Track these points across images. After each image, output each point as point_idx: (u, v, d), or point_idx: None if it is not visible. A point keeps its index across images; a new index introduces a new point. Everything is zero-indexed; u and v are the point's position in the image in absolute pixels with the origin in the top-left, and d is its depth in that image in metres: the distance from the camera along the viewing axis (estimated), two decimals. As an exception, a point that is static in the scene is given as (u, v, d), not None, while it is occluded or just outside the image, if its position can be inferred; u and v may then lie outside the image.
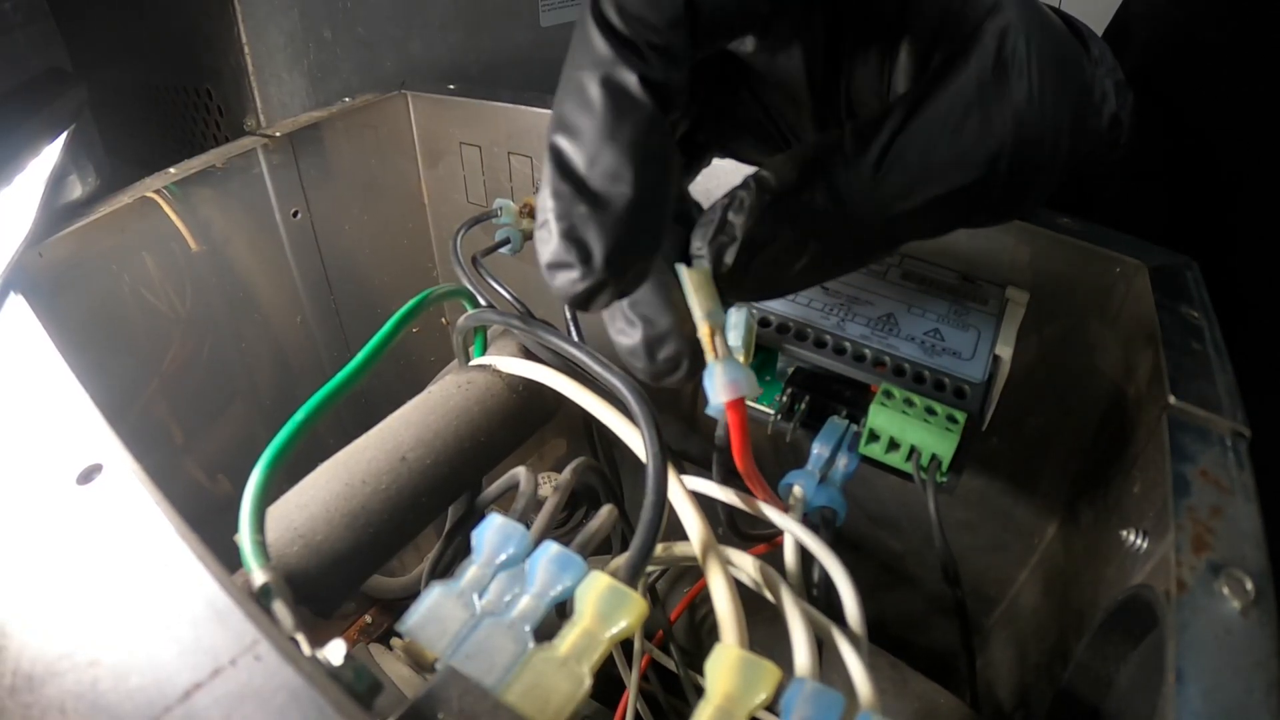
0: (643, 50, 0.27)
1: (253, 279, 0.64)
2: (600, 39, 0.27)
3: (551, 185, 0.27)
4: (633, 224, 0.27)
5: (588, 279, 0.27)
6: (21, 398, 0.34)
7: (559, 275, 0.28)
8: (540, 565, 0.28)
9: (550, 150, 0.28)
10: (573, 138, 0.27)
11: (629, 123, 0.27)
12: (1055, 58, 0.32)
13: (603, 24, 0.27)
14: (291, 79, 0.75)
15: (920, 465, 0.40)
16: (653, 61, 0.27)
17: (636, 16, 0.27)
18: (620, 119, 0.27)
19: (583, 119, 0.27)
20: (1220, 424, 0.36)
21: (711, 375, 0.32)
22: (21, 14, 0.60)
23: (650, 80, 0.27)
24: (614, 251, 0.27)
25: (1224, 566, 0.29)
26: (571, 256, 0.27)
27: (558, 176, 0.27)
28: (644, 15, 0.27)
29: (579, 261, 0.27)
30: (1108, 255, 0.46)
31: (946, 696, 0.46)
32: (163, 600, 0.24)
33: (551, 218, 0.27)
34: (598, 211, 0.27)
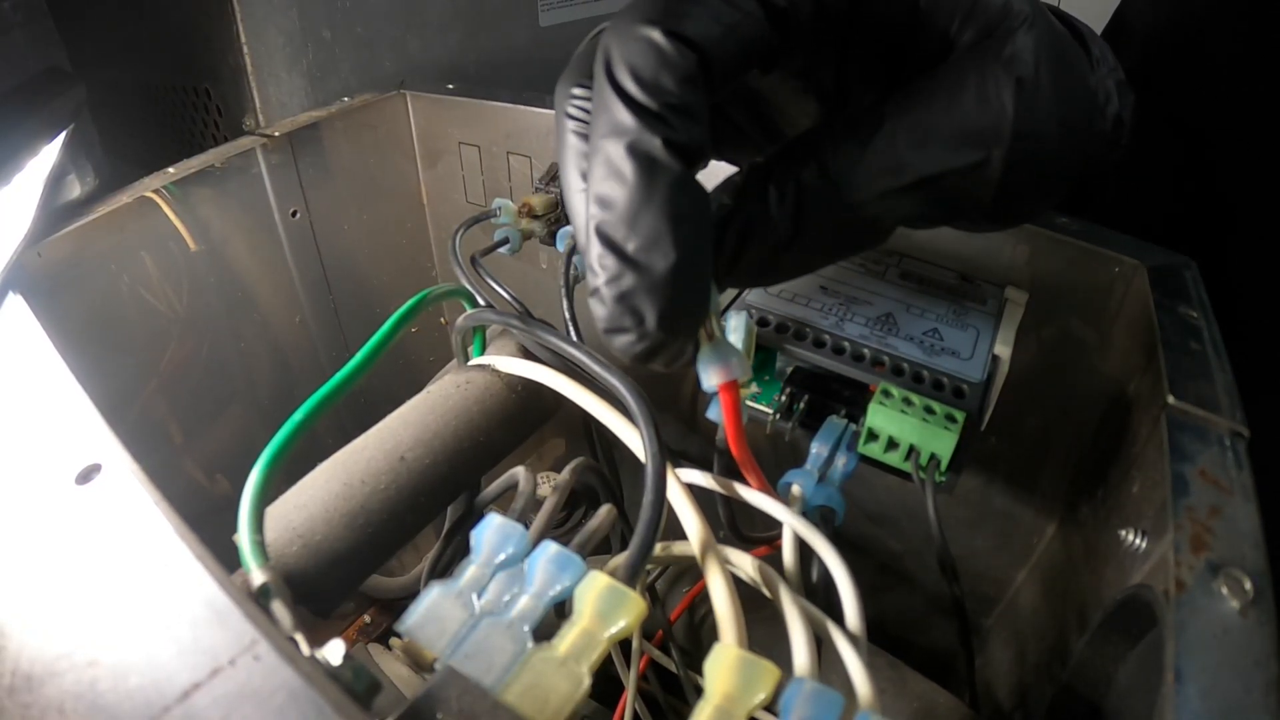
0: (663, 114, 0.28)
1: (251, 279, 0.64)
2: (621, 108, 0.28)
3: (596, 256, 0.28)
4: (678, 285, 0.28)
5: (644, 341, 0.29)
6: (20, 397, 0.34)
7: (617, 339, 0.29)
8: (539, 565, 0.28)
9: (592, 225, 0.28)
10: (608, 209, 0.28)
11: (660, 188, 0.28)
12: (1060, 59, 0.32)
13: (621, 93, 0.28)
14: (290, 78, 0.75)
15: (919, 465, 0.40)
16: (674, 123, 0.28)
17: (652, 82, 0.28)
18: (651, 186, 0.28)
19: (615, 189, 0.28)
20: (1219, 424, 0.36)
21: (704, 358, 0.33)
22: (20, 13, 0.60)
23: (674, 143, 0.28)
24: (665, 313, 0.28)
25: (1223, 566, 0.29)
26: (627, 322, 0.28)
27: (601, 248, 0.28)
28: (658, 80, 0.28)
29: (633, 326, 0.28)
30: (1106, 255, 0.46)
31: (945, 696, 0.46)
32: (162, 600, 0.24)
33: (601, 286, 0.28)
34: (643, 278, 0.28)
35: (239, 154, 0.60)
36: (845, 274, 0.49)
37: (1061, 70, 0.32)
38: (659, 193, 0.28)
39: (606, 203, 0.28)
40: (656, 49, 0.28)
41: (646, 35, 0.28)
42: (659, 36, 0.28)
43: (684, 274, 0.28)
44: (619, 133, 0.28)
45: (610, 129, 0.28)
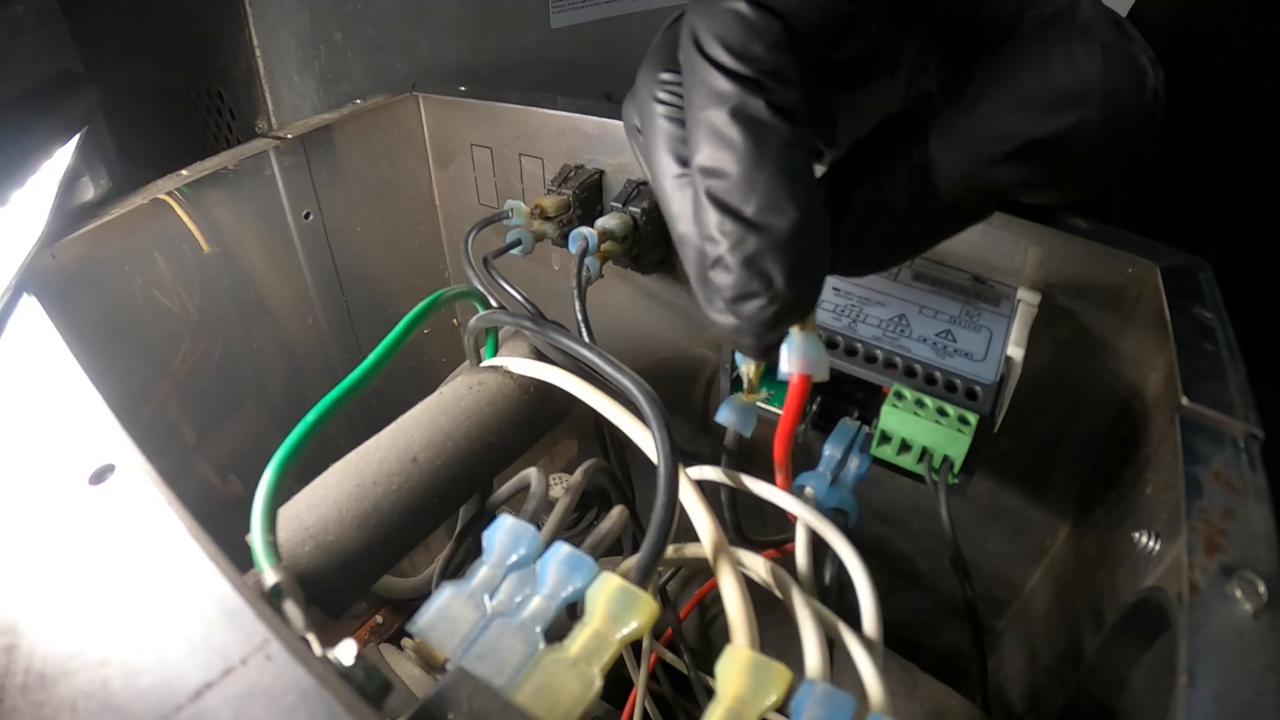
0: (760, 79, 0.28)
1: (264, 280, 0.64)
2: (720, 78, 0.28)
3: (716, 225, 0.28)
4: (802, 243, 0.28)
5: (776, 302, 0.29)
6: (34, 398, 0.34)
7: (746, 305, 0.29)
8: (551, 566, 0.28)
9: (705, 195, 0.29)
10: (721, 177, 0.28)
11: (771, 149, 0.28)
12: (1119, 28, 0.32)
13: (716, 64, 0.28)
14: (302, 81, 0.75)
15: (932, 467, 0.40)
16: (772, 87, 0.28)
17: (744, 50, 0.28)
18: (762, 148, 0.28)
19: (726, 156, 0.28)
20: (1233, 425, 0.35)
21: (791, 343, 0.33)
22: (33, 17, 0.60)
23: (776, 105, 0.28)
24: (793, 271, 0.28)
25: (1236, 569, 0.29)
26: (756, 285, 0.29)
27: (721, 215, 0.28)
28: (749, 47, 0.28)
29: (763, 288, 0.29)
30: (1119, 256, 0.46)
31: (957, 699, 0.46)
32: (174, 600, 0.25)
33: (725, 254, 0.29)
34: (768, 238, 0.28)
35: (252, 156, 0.60)
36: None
37: (1123, 38, 0.32)
38: (770, 153, 0.28)
39: (717, 171, 0.28)
40: (743, 19, 0.28)
41: (732, 7, 0.28)
42: (744, 7, 0.28)
43: (806, 230, 0.28)
44: (721, 101, 0.28)
45: (711, 99, 0.28)
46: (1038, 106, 0.31)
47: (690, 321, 0.66)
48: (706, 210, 0.29)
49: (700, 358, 0.67)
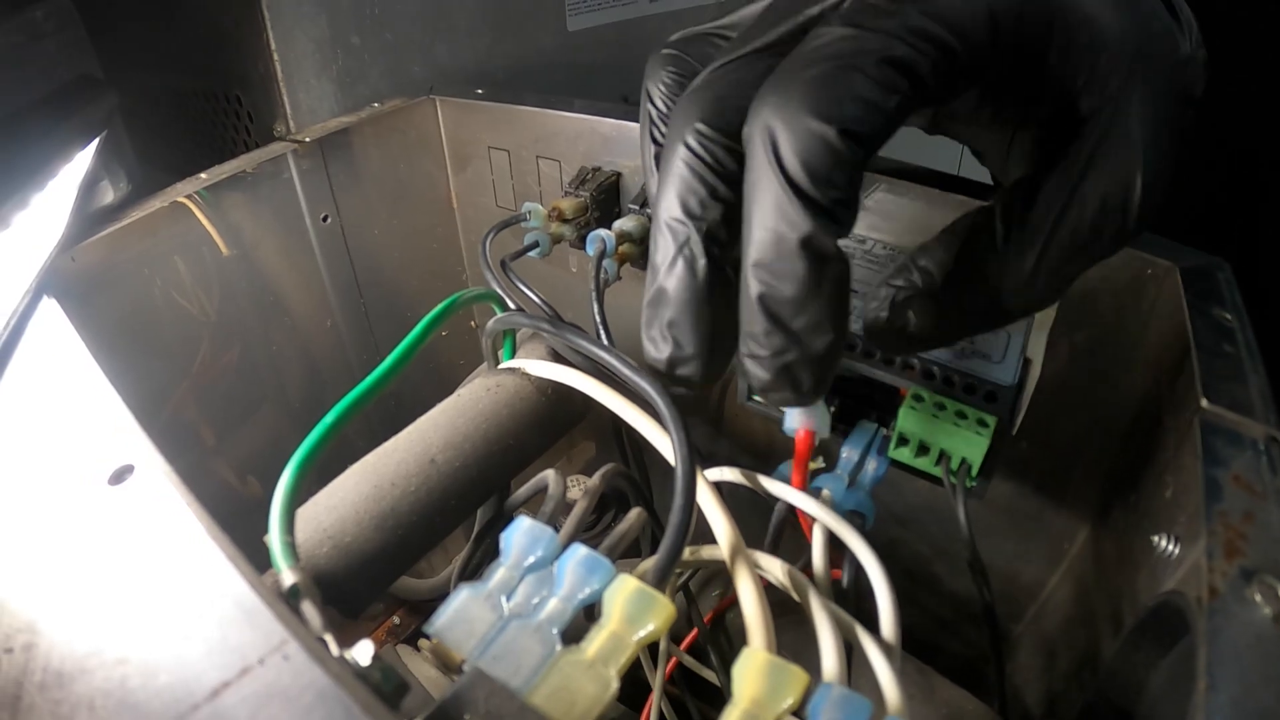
0: (833, 210, 0.29)
1: (283, 283, 0.64)
2: (797, 205, 0.29)
3: (763, 331, 0.31)
4: (832, 359, 0.31)
5: (797, 401, 0.32)
6: (54, 399, 0.34)
7: (773, 395, 0.32)
8: (568, 568, 0.28)
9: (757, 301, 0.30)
10: (777, 291, 0.30)
11: (829, 281, 0.30)
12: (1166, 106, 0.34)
13: (794, 189, 0.29)
14: (320, 85, 0.75)
15: (950, 470, 0.40)
16: (842, 218, 0.29)
17: (825, 180, 0.29)
18: (821, 278, 0.29)
19: (785, 277, 0.30)
20: (1253, 428, 0.35)
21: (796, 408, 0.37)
22: (53, 22, 0.60)
23: (839, 235, 0.29)
24: (819, 381, 0.31)
25: (1256, 573, 0.29)
26: (785, 389, 0.31)
27: (769, 323, 0.30)
28: (832, 178, 0.29)
29: (791, 391, 0.31)
30: (1138, 256, 0.46)
31: (974, 702, 0.45)
32: (192, 599, 0.25)
33: (766, 357, 0.31)
34: (804, 353, 0.31)
35: (270, 159, 0.61)
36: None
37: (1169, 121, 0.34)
38: (828, 285, 0.30)
39: (775, 287, 0.30)
40: (830, 147, 0.29)
41: (820, 132, 0.29)
42: (833, 135, 0.29)
43: (837, 350, 0.31)
44: (791, 226, 0.29)
45: (780, 219, 0.29)
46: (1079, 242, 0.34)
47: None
48: (755, 312, 0.30)
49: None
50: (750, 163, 0.30)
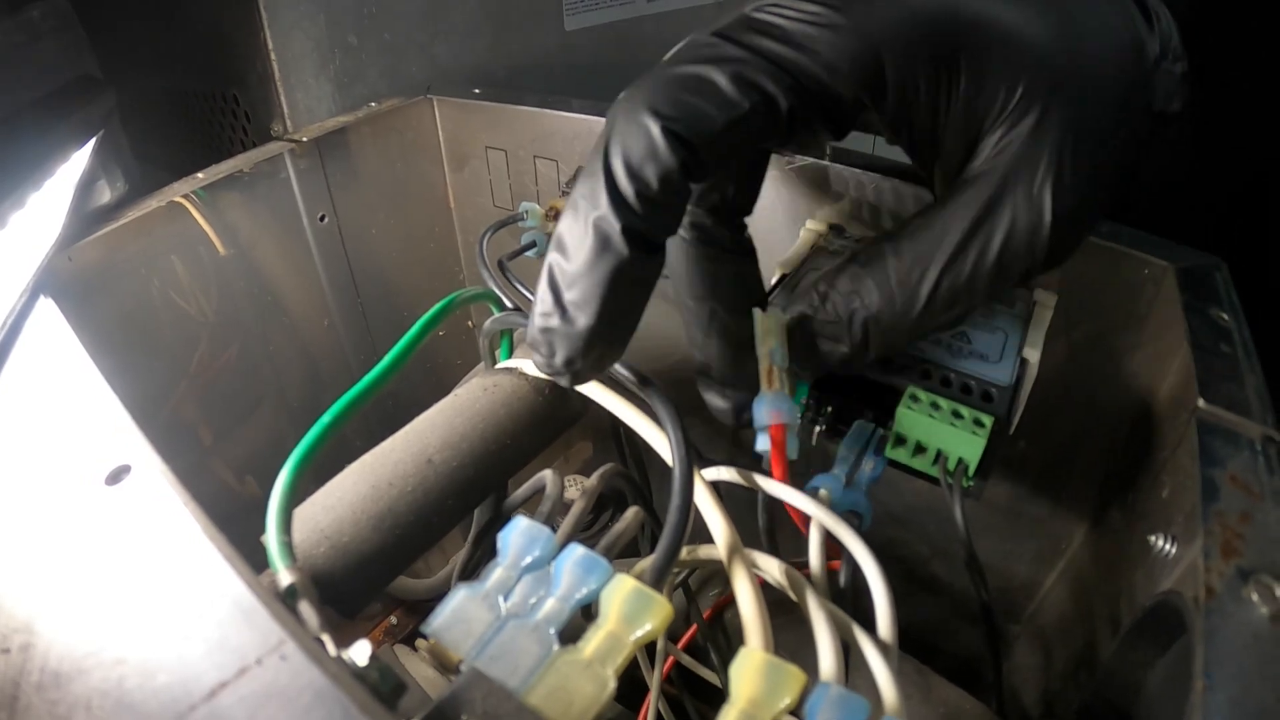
0: (634, 205, 0.31)
1: (280, 283, 0.64)
2: (600, 186, 0.31)
3: (542, 286, 0.33)
4: (589, 341, 0.32)
5: (546, 368, 0.34)
6: (52, 400, 0.34)
7: (533, 354, 0.34)
8: (565, 568, 0.28)
9: (549, 260, 0.33)
10: (563, 258, 0.32)
11: (605, 265, 0.31)
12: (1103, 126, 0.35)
13: (607, 171, 0.31)
14: (318, 84, 0.75)
15: (947, 469, 0.40)
16: (641, 213, 0.31)
17: (636, 173, 0.31)
18: (599, 260, 0.31)
19: (572, 247, 0.32)
20: (1250, 428, 0.35)
21: (761, 402, 0.37)
22: (50, 22, 0.60)
23: (633, 230, 0.31)
24: (569, 358, 0.33)
25: (1253, 572, 0.29)
26: (540, 348, 0.33)
27: (546, 284, 0.33)
28: (642, 172, 0.31)
29: (544, 356, 0.33)
30: (1136, 257, 0.46)
31: (972, 702, 0.45)
32: (190, 600, 0.25)
33: (536, 313, 0.33)
34: (564, 325, 0.32)
35: (267, 159, 0.61)
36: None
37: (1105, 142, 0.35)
38: (602, 268, 0.31)
39: (564, 251, 0.32)
40: (650, 141, 0.31)
41: (645, 125, 0.31)
42: (655, 130, 0.31)
43: (597, 336, 0.32)
44: (592, 205, 0.31)
45: (586, 196, 0.32)
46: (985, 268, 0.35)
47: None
48: (544, 271, 0.33)
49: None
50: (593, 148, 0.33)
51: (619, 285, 0.32)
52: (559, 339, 0.32)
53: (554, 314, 0.32)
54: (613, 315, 0.32)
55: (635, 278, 0.32)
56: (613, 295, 0.32)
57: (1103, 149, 0.34)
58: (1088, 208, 0.35)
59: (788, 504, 0.39)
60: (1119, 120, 0.35)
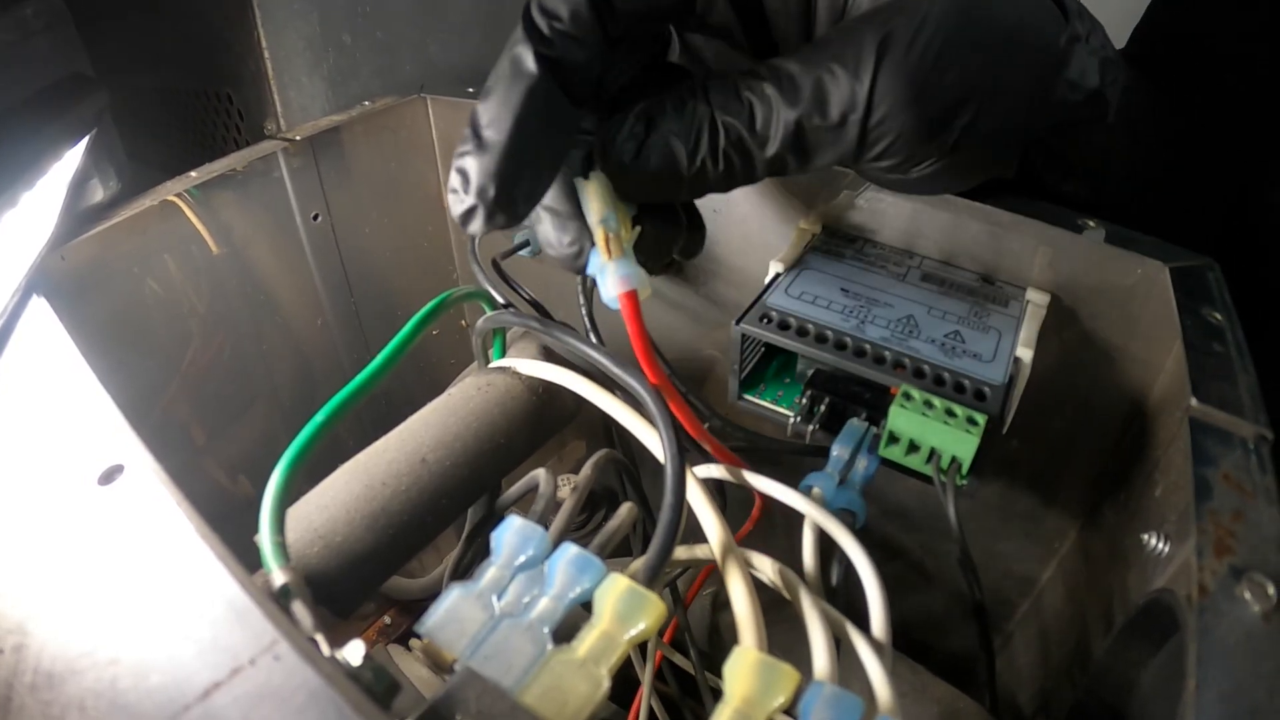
0: (547, 35, 0.33)
1: (273, 281, 0.64)
2: (520, 23, 0.34)
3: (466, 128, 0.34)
4: (500, 164, 0.33)
5: (463, 203, 0.34)
6: (44, 399, 0.34)
7: (450, 199, 0.35)
8: (559, 567, 0.28)
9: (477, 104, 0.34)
10: (484, 96, 0.34)
11: (518, 86, 0.33)
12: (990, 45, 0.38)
13: (526, 10, 0.34)
14: (311, 83, 0.75)
15: (940, 468, 0.40)
16: (554, 42, 0.33)
17: (549, 8, 0.33)
18: (512, 84, 0.33)
19: (490, 84, 0.34)
20: (1242, 427, 0.35)
21: (604, 272, 0.37)
22: (43, 20, 0.60)
23: (545, 56, 0.33)
24: (481, 185, 0.33)
25: (1246, 571, 0.29)
26: (456, 183, 0.34)
27: (468, 126, 0.34)
28: (555, 7, 0.33)
29: (460, 187, 0.34)
30: (1129, 256, 0.46)
31: (966, 701, 0.46)
32: (183, 600, 0.25)
33: (455, 155, 0.34)
34: (477, 151, 0.33)
35: (260, 158, 0.60)
36: (865, 276, 0.49)
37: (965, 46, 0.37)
38: (515, 90, 0.33)
39: (485, 90, 0.34)
40: None
41: None
42: None
43: (510, 156, 0.33)
44: (513, 41, 0.34)
45: (514, 37, 0.34)
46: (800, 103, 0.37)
47: (698, 323, 0.66)
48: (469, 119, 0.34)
49: (709, 359, 0.67)
50: None
51: (531, 106, 0.33)
52: (472, 166, 0.33)
53: (468, 144, 0.33)
54: (524, 137, 0.33)
55: (550, 113, 0.34)
56: (525, 114, 0.33)
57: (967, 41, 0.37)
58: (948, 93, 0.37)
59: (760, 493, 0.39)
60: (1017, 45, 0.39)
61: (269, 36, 0.71)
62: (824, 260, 0.51)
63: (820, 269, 0.49)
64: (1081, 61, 0.41)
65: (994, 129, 0.39)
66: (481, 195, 0.33)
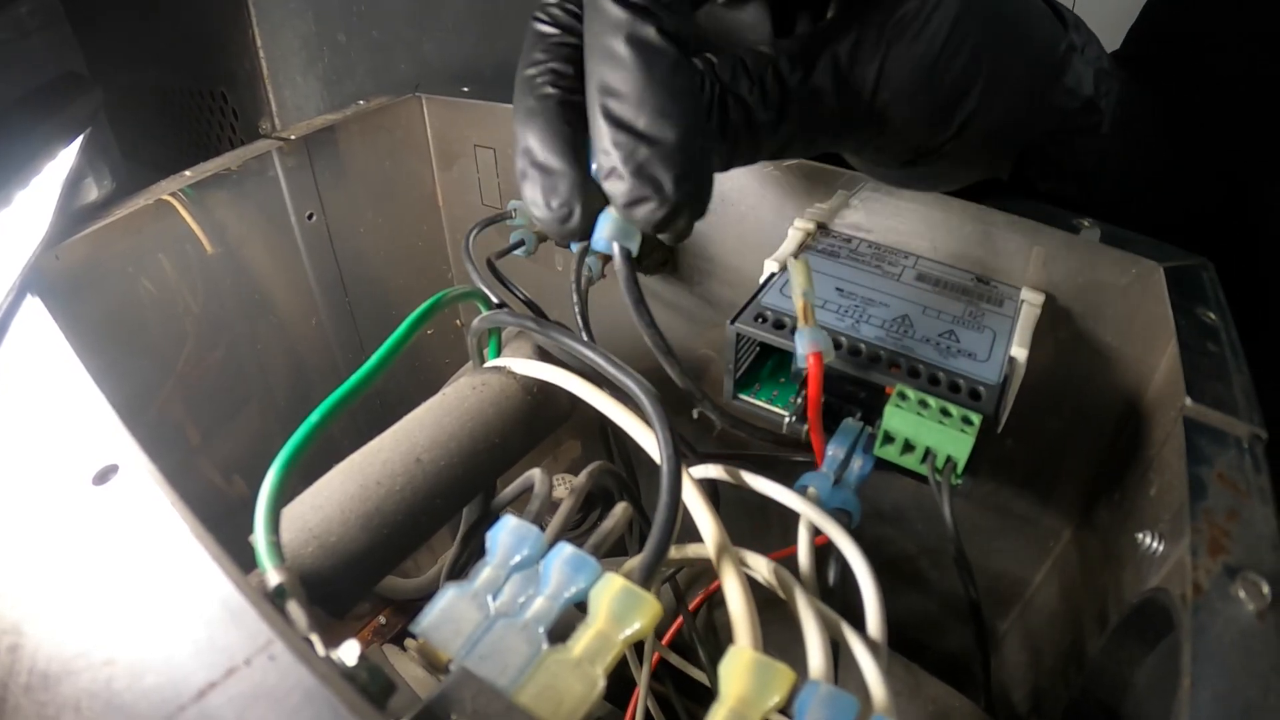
0: (650, 7, 0.31)
1: (268, 281, 0.64)
2: (614, 7, 0.31)
3: (610, 138, 0.31)
4: (688, 152, 0.31)
5: (665, 205, 0.32)
6: (38, 399, 0.34)
7: (639, 209, 0.32)
8: (554, 567, 0.28)
9: (600, 112, 0.32)
10: (615, 95, 0.31)
11: (659, 69, 0.31)
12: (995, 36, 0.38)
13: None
14: (306, 82, 0.75)
15: (935, 467, 0.40)
16: (661, 15, 0.31)
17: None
18: (652, 68, 0.31)
19: (618, 76, 0.31)
20: (1237, 426, 0.35)
21: (802, 336, 0.39)
22: (38, 19, 0.60)
23: (665, 30, 0.31)
24: (680, 178, 0.31)
25: (1240, 570, 0.29)
26: (647, 190, 0.31)
27: (613, 129, 0.31)
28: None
29: (654, 193, 0.32)
30: (1123, 256, 0.46)
31: (960, 700, 0.46)
32: (178, 600, 0.25)
33: (619, 165, 0.31)
34: (657, 149, 0.31)
35: (255, 157, 0.60)
36: (861, 275, 0.49)
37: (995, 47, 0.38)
38: (659, 73, 0.31)
39: (611, 90, 0.31)
40: None
41: None
42: None
43: (690, 142, 0.32)
44: (616, 27, 0.31)
45: (607, 26, 0.32)
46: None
47: (693, 322, 0.66)
48: (601, 127, 0.32)
49: (704, 358, 0.67)
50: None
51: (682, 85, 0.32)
52: (658, 164, 0.31)
53: (638, 147, 0.31)
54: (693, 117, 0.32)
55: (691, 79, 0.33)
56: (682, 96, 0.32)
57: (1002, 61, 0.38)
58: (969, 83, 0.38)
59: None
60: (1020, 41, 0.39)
61: (264, 35, 0.71)
62: (819, 259, 0.51)
63: (815, 268, 0.49)
64: (1079, 70, 0.42)
65: (995, 123, 0.39)
66: (682, 188, 0.32)
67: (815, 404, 0.40)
